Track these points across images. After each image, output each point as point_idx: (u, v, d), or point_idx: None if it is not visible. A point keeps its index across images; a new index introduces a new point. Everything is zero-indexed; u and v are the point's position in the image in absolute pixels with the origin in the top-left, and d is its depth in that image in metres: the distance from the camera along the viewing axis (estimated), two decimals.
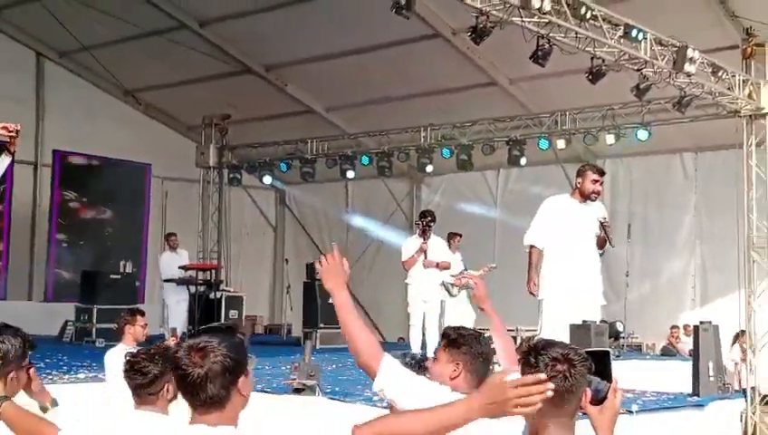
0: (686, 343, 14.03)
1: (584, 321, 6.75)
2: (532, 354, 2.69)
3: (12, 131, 7.69)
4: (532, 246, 7.54)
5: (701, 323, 7.54)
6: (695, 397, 7.39)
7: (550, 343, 2.73)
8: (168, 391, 3.32)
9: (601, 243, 7.53)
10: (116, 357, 6.22)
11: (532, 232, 7.60)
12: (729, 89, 11.08)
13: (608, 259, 14.96)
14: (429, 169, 15.59)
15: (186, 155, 17.33)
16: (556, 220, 7.48)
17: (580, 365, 2.62)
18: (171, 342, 7.04)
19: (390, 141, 15.88)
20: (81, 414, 3.53)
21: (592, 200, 7.48)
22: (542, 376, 2.38)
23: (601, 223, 7.51)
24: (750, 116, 11.58)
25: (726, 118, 12.01)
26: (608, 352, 2.81)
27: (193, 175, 17.50)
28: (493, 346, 3.71)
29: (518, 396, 2.33)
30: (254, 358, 2.71)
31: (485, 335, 3.64)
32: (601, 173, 7.66)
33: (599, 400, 2.69)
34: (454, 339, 3.52)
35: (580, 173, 7.59)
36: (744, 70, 11.44)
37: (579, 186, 7.48)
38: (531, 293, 7.53)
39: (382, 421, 2.52)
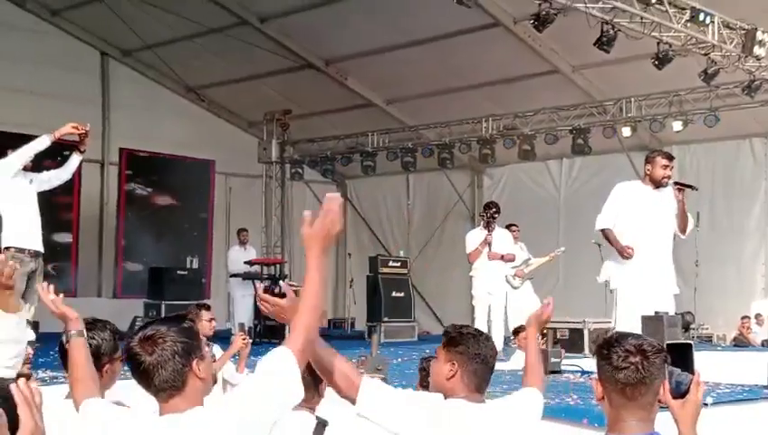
0: (757, 334, 13.69)
1: (656, 312, 6.63)
2: (606, 347, 2.65)
3: (81, 131, 7.86)
4: (604, 230, 7.41)
5: None
6: None
7: (623, 335, 2.69)
8: None
9: (683, 225, 7.35)
10: None
11: (603, 216, 7.48)
12: None
13: (677, 248, 14.70)
14: (491, 160, 15.48)
15: (248, 151, 17.50)
16: (629, 206, 7.36)
17: (654, 357, 2.57)
18: (239, 337, 7.11)
19: (451, 133, 15.80)
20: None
21: (664, 186, 7.34)
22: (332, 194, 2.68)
23: (675, 183, 7.37)
24: None
25: None
26: (690, 345, 2.75)
27: (255, 170, 17.65)
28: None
29: (333, 218, 2.63)
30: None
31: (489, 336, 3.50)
32: (670, 158, 7.53)
33: (680, 393, 2.62)
34: (452, 337, 3.36)
35: (648, 160, 7.46)
36: None
37: (648, 173, 7.36)
38: (628, 256, 7.28)
39: (297, 330, 2.57)
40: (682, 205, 7.33)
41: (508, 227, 11.79)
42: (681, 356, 2.68)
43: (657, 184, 7.31)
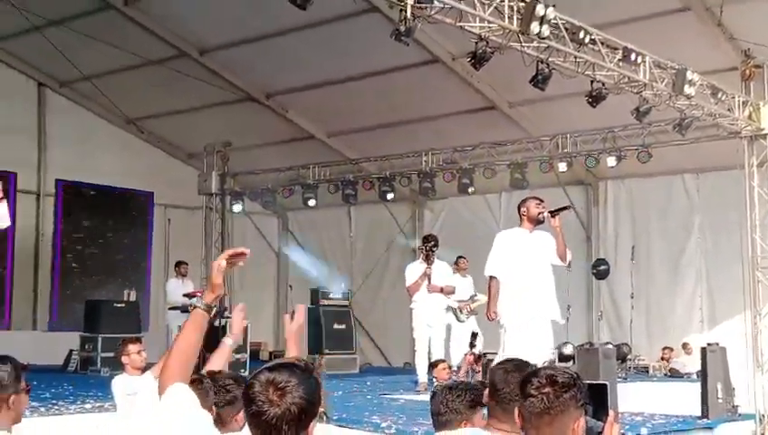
0: (685, 365, 13.92)
1: (591, 343, 6.78)
2: (528, 375, 2.75)
3: None
4: (492, 277, 7.92)
5: (708, 344, 7.54)
6: (704, 419, 7.37)
7: (548, 367, 2.78)
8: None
9: (561, 252, 7.70)
10: (117, 386, 6.37)
11: (491, 264, 7.98)
12: (729, 110, 11.11)
13: (612, 282, 15.04)
14: (431, 193, 15.62)
15: (188, 182, 17.38)
16: (509, 252, 7.86)
17: (562, 390, 2.63)
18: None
19: (392, 166, 15.92)
20: None
21: (542, 221, 7.79)
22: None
23: (549, 212, 7.71)
24: (750, 137, 11.63)
25: (727, 139, 12.03)
26: (605, 386, 2.82)
27: (195, 202, 17.53)
28: None
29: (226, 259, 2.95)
30: (327, 393, 2.85)
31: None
32: (540, 199, 8.05)
33: None
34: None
35: (523, 205, 8.01)
36: (744, 91, 11.49)
37: (525, 215, 7.86)
38: (490, 319, 7.92)
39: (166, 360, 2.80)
40: (558, 231, 7.74)
41: (458, 259, 11.92)
42: (597, 396, 2.75)
43: (535, 221, 7.77)
